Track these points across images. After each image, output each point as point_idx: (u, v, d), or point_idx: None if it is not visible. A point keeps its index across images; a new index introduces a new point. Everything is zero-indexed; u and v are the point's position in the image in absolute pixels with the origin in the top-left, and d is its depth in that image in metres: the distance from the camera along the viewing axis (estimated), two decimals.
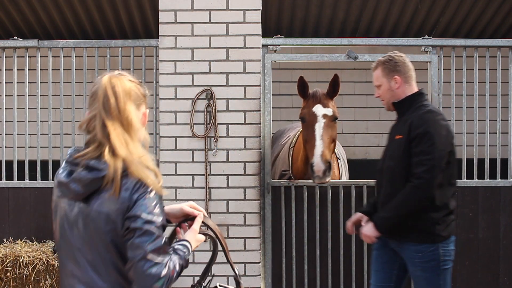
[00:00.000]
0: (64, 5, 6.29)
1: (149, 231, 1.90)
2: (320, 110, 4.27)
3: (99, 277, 1.92)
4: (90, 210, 1.92)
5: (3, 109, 4.80)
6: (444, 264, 3.38)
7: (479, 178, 4.74)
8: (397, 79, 3.42)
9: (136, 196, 1.92)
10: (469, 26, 6.81)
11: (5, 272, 4.33)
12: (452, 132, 3.37)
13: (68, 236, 1.96)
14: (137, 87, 2.08)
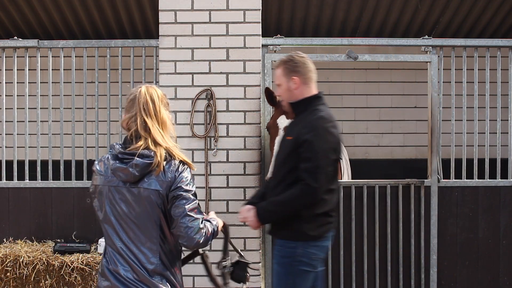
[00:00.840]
0: (64, 5, 6.29)
1: (187, 196, 2.52)
2: (283, 122, 4.18)
3: (147, 237, 2.50)
4: (140, 189, 2.52)
5: (3, 109, 4.80)
6: (299, 264, 3.27)
7: (479, 178, 4.74)
8: (296, 80, 3.38)
9: (178, 173, 2.54)
10: (469, 26, 6.81)
11: (5, 272, 4.33)
12: (339, 140, 3.35)
13: (119, 210, 2.54)
14: (163, 95, 2.71)
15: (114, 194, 2.56)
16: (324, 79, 7.28)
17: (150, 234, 2.52)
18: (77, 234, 4.66)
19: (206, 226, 2.55)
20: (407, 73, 7.39)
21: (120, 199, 2.54)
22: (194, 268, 4.54)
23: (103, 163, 2.63)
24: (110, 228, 2.56)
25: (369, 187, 4.62)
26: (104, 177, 2.60)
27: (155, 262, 2.52)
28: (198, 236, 2.50)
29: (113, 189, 2.56)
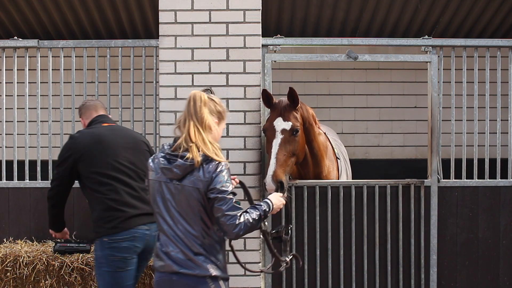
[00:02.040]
0: (64, 5, 6.30)
1: (223, 197, 2.84)
2: (280, 124, 4.20)
3: (190, 226, 2.89)
4: (184, 186, 2.88)
5: (3, 109, 4.80)
6: (99, 263, 3.71)
7: (479, 178, 4.74)
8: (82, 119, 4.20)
9: (214, 175, 2.86)
10: (469, 26, 6.81)
11: (5, 272, 4.33)
12: (71, 148, 3.85)
13: (167, 202, 2.91)
14: (215, 103, 3.05)
15: (163, 189, 2.93)
16: (324, 79, 7.30)
17: (194, 223, 2.89)
18: (77, 234, 4.66)
19: (245, 218, 2.87)
20: (407, 73, 7.39)
21: (168, 193, 2.91)
22: None
23: (155, 161, 2.99)
24: (161, 218, 2.94)
25: (369, 187, 4.62)
26: (155, 173, 2.97)
27: (199, 246, 2.89)
28: (237, 230, 2.84)
29: (163, 184, 2.93)
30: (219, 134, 3.09)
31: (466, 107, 4.82)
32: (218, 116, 3.06)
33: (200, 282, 2.88)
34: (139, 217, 3.61)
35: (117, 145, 3.86)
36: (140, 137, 4.11)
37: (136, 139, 4.02)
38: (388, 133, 7.45)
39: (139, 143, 4.01)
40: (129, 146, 3.93)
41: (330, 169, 4.70)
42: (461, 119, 4.91)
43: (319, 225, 4.57)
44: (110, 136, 3.89)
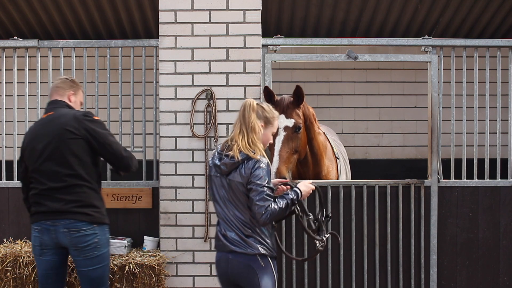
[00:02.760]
0: (64, 5, 6.30)
1: (257, 189, 3.29)
2: (282, 121, 4.23)
3: (240, 213, 3.36)
4: (231, 180, 3.36)
5: (3, 109, 4.80)
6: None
7: (479, 178, 4.74)
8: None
9: (253, 170, 3.32)
10: (469, 26, 6.81)
11: (5, 272, 4.33)
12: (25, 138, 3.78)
13: (221, 194, 3.42)
14: (263, 109, 3.46)
15: (218, 183, 3.42)
16: (324, 79, 7.30)
17: (242, 211, 3.36)
18: None
19: (272, 207, 3.29)
20: (407, 73, 7.39)
21: (221, 186, 3.41)
22: (194, 268, 4.55)
23: (212, 159, 3.48)
24: (218, 206, 3.43)
25: (369, 187, 4.63)
26: (212, 169, 3.47)
27: (249, 229, 3.36)
28: (263, 217, 3.27)
29: (218, 178, 3.42)
30: (267, 136, 3.51)
31: (466, 107, 4.82)
32: (265, 120, 3.47)
33: (252, 260, 3.35)
34: (44, 214, 3.62)
35: (36, 145, 3.69)
36: (66, 125, 3.65)
37: (58, 131, 3.64)
38: (388, 133, 7.44)
39: (62, 133, 3.63)
40: (48, 141, 3.65)
41: (330, 169, 4.71)
42: (461, 119, 4.91)
43: None
44: (34, 134, 3.74)
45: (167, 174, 4.52)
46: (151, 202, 4.68)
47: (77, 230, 3.56)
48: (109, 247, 3.79)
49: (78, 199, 3.58)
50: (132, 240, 4.62)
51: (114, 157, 3.70)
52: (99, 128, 3.67)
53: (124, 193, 4.68)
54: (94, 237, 3.61)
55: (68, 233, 3.56)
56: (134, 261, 4.32)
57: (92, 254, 3.61)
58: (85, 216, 3.59)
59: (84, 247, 3.59)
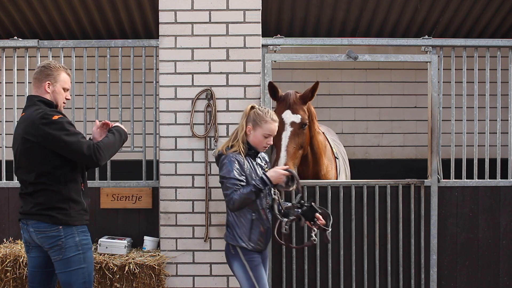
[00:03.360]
0: (64, 5, 6.30)
1: (222, 181, 3.65)
2: (289, 117, 4.24)
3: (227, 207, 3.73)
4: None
5: (3, 109, 4.80)
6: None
7: (479, 178, 4.74)
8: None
9: (220, 165, 3.71)
10: (469, 26, 6.81)
11: (5, 272, 4.33)
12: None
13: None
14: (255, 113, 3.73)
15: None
16: (324, 79, 7.30)
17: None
18: None
19: (237, 193, 3.57)
20: (407, 73, 7.39)
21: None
22: (194, 268, 4.55)
23: None
24: None
25: (369, 187, 4.63)
26: None
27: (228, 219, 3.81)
28: (231, 204, 3.60)
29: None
30: (256, 138, 3.73)
31: (466, 107, 4.82)
32: (253, 123, 3.72)
33: (227, 247, 3.77)
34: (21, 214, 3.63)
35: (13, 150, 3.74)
36: (25, 133, 3.57)
37: (21, 139, 3.61)
38: (388, 133, 7.44)
39: (23, 141, 3.59)
40: (16, 148, 3.69)
41: (329, 168, 4.71)
42: (461, 119, 4.91)
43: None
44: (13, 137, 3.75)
45: (167, 174, 4.52)
46: (151, 202, 4.68)
47: (40, 231, 3.51)
48: (82, 252, 3.54)
49: (41, 202, 3.51)
50: (132, 240, 4.62)
51: (76, 157, 3.50)
52: (55, 130, 3.46)
53: (124, 193, 4.68)
54: (57, 239, 3.48)
55: (35, 233, 3.53)
56: (134, 261, 4.32)
57: (57, 256, 3.50)
58: (47, 218, 3.50)
59: (49, 248, 3.51)
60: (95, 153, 3.50)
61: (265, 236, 3.76)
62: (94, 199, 4.66)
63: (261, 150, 3.79)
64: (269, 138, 3.75)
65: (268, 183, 3.61)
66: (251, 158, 3.77)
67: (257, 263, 3.69)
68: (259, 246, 3.73)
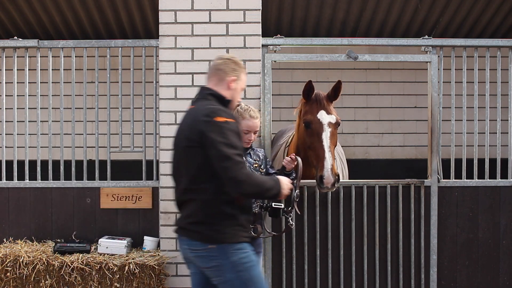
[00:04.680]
0: (64, 5, 6.30)
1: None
2: (325, 117, 4.23)
3: None
4: None
5: (3, 109, 4.80)
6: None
7: (479, 178, 4.74)
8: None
9: None
10: (469, 26, 6.81)
11: (5, 272, 4.32)
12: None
13: None
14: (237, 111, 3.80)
15: None
16: (324, 79, 7.29)
17: None
18: (77, 234, 4.67)
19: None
20: (407, 73, 7.39)
21: None
22: None
23: None
24: None
25: (369, 187, 4.62)
26: None
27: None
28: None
29: None
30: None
31: (466, 107, 4.82)
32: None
33: None
34: (176, 226, 3.36)
35: (173, 146, 3.24)
36: (185, 130, 3.11)
37: (180, 137, 3.16)
38: (388, 133, 7.44)
39: (181, 139, 3.14)
40: (175, 146, 3.23)
41: None
42: (461, 119, 4.91)
43: (319, 225, 4.57)
44: (176, 131, 3.27)
45: (167, 174, 4.52)
46: (151, 202, 4.68)
47: (192, 249, 3.06)
48: (242, 271, 3.03)
49: (191, 214, 3.05)
50: (132, 240, 4.62)
51: (223, 172, 2.96)
52: (214, 132, 2.97)
53: (124, 193, 4.68)
54: (211, 259, 3.01)
55: (188, 250, 3.08)
56: (134, 261, 4.32)
57: (217, 278, 3.04)
58: (198, 235, 3.02)
59: (205, 268, 3.07)
60: (244, 181, 2.97)
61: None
62: (94, 199, 4.67)
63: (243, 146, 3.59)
64: (249, 134, 3.85)
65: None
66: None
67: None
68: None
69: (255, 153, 4.02)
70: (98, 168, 4.79)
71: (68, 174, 4.78)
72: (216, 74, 3.23)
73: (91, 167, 5.03)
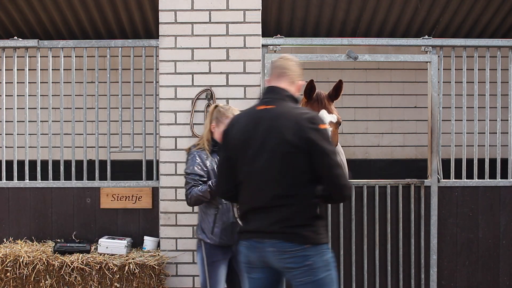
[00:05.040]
0: (64, 5, 6.29)
1: (185, 177, 3.84)
2: (326, 117, 4.21)
3: None
4: None
5: (3, 109, 4.80)
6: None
7: (479, 178, 4.74)
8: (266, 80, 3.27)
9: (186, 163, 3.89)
10: (469, 26, 6.81)
11: (5, 272, 4.33)
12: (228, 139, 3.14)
13: None
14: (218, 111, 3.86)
15: None
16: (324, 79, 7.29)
17: None
18: (77, 234, 4.67)
19: (194, 191, 3.73)
20: (407, 73, 7.39)
21: None
22: (194, 268, 4.55)
23: None
24: None
25: (369, 187, 4.62)
26: None
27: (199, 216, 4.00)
28: (188, 201, 3.77)
29: None
30: (220, 134, 3.64)
31: (466, 107, 4.82)
32: (216, 121, 3.85)
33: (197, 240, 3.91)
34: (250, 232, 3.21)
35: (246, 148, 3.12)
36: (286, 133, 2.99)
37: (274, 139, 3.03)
38: (388, 133, 7.44)
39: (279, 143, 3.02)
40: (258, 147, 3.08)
41: None
42: (461, 119, 4.91)
43: None
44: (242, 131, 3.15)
45: (167, 174, 4.52)
46: (151, 202, 4.69)
47: (285, 251, 3.02)
48: (331, 270, 3.06)
49: (287, 218, 3.01)
50: (132, 240, 4.62)
51: (332, 182, 2.98)
52: (323, 140, 2.97)
53: (124, 193, 4.68)
54: (306, 259, 3.00)
55: (277, 253, 3.03)
56: (134, 261, 4.32)
57: (307, 278, 3.01)
58: (295, 236, 3.00)
59: (293, 269, 3.03)
60: (349, 187, 3.03)
61: (230, 230, 3.79)
62: (94, 199, 4.67)
63: None
64: None
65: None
66: (217, 154, 3.81)
67: (216, 259, 3.80)
68: (223, 240, 3.80)
69: None
70: (98, 168, 4.79)
71: (68, 174, 4.78)
72: (286, 75, 3.15)
73: (91, 167, 5.03)
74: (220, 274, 3.81)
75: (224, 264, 3.84)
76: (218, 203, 3.80)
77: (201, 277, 3.81)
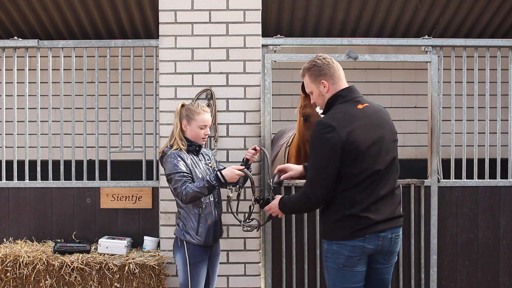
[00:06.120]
0: (64, 5, 6.30)
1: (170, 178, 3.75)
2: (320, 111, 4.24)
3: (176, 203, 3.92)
4: None
5: (3, 109, 4.80)
6: (326, 260, 3.37)
7: (479, 178, 4.74)
8: (325, 83, 3.43)
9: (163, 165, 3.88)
10: (469, 26, 6.82)
11: (5, 272, 4.33)
12: (335, 144, 3.17)
13: None
14: (187, 109, 3.88)
15: None
16: None
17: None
18: (77, 234, 4.67)
19: (189, 187, 3.66)
20: (407, 73, 7.40)
21: None
22: None
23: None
24: None
25: None
26: None
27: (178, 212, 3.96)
28: (183, 198, 3.68)
29: None
30: (194, 132, 3.86)
31: (466, 107, 4.82)
32: (187, 118, 3.86)
33: (175, 240, 3.88)
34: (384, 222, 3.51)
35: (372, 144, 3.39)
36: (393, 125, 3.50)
37: (390, 132, 3.45)
38: None
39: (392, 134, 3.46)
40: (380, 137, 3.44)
41: None
42: (461, 119, 4.91)
43: (319, 225, 4.56)
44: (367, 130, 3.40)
45: None
46: (151, 202, 4.69)
47: (398, 235, 3.49)
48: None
49: (400, 202, 3.53)
50: (132, 240, 4.62)
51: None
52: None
53: (124, 193, 4.68)
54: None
55: (395, 239, 3.44)
56: (134, 261, 4.32)
57: (394, 259, 3.46)
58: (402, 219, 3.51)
59: (394, 253, 3.44)
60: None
61: (213, 230, 3.85)
62: (94, 199, 4.67)
63: (201, 142, 3.90)
64: (206, 129, 3.89)
65: (222, 181, 3.71)
66: (192, 154, 3.89)
67: (198, 260, 3.81)
68: (208, 240, 3.83)
69: (205, 154, 4.05)
70: (98, 168, 4.79)
71: (68, 174, 4.78)
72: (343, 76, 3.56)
73: (91, 167, 5.03)
74: (202, 275, 3.83)
75: (205, 264, 3.87)
76: (202, 202, 3.81)
77: (182, 277, 3.81)
